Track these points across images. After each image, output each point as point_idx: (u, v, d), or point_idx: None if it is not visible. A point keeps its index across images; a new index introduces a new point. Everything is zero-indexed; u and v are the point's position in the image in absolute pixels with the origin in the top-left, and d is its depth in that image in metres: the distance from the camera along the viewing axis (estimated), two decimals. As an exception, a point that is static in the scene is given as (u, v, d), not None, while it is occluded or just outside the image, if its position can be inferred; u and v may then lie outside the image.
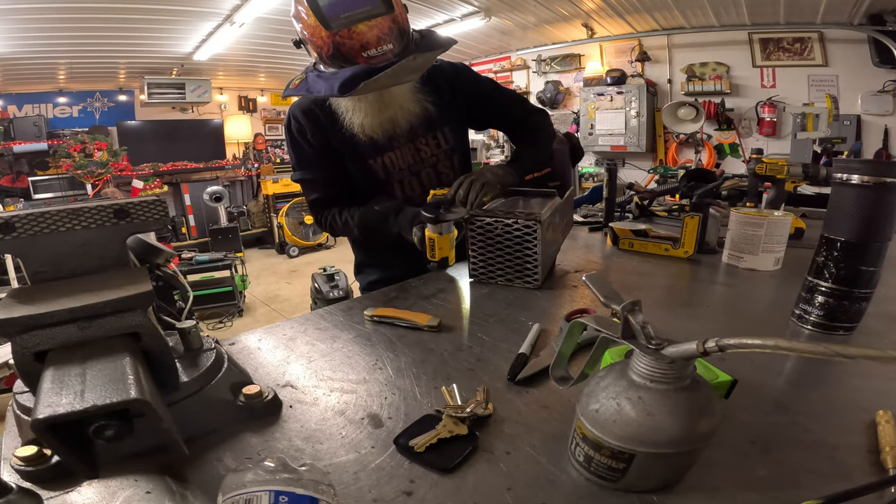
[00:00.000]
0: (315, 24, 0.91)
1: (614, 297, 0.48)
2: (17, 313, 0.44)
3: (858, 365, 0.65)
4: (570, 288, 1.02)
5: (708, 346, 0.37)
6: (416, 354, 0.72)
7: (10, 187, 5.03)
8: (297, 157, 1.20)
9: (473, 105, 1.25)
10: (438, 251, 1.00)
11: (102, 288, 0.49)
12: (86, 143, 5.25)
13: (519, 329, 0.79)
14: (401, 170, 1.21)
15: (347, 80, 0.89)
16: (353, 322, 0.86)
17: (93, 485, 0.45)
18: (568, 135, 1.62)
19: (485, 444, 0.51)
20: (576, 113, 5.21)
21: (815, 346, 0.33)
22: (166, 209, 0.58)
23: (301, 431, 0.55)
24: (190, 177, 6.15)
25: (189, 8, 3.60)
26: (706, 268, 1.15)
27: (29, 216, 0.51)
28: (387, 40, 0.90)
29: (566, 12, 4.25)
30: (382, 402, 0.60)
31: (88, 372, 0.42)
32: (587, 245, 1.41)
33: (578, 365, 0.53)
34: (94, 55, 4.40)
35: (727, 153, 4.53)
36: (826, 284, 0.75)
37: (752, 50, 4.22)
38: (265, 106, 6.81)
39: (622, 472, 0.43)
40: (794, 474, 0.46)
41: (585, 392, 0.46)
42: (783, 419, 0.55)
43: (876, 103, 3.78)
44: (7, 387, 2.42)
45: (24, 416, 0.49)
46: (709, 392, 0.44)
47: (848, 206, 0.72)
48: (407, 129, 1.15)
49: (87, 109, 5.52)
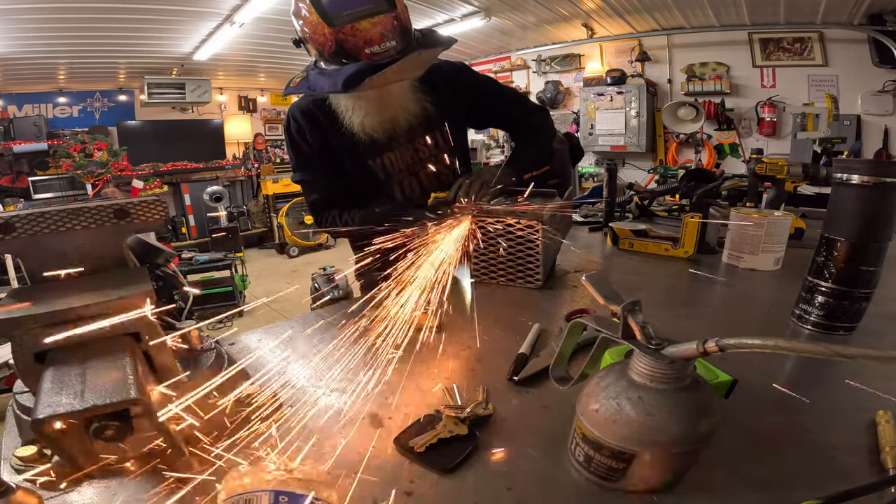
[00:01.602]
0: (317, 21, 0.90)
1: (614, 297, 0.48)
2: (17, 313, 0.44)
3: (858, 365, 0.65)
4: (570, 288, 1.02)
5: (708, 346, 0.37)
6: (417, 354, 0.72)
7: (10, 187, 5.04)
8: (297, 158, 1.20)
9: (473, 104, 1.25)
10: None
11: (102, 288, 0.49)
12: (86, 143, 5.26)
13: (519, 329, 0.79)
14: (400, 170, 1.20)
15: (352, 76, 0.89)
16: (353, 322, 0.85)
17: (93, 485, 0.45)
18: (568, 135, 1.63)
19: (485, 444, 0.51)
20: (576, 113, 5.21)
21: (815, 346, 0.33)
22: (166, 209, 0.58)
23: (301, 431, 0.55)
24: (190, 177, 6.15)
25: (189, 8, 3.61)
26: (706, 268, 1.15)
27: (29, 216, 0.51)
28: (390, 37, 0.90)
29: (566, 12, 4.25)
30: (382, 402, 0.60)
31: (88, 372, 0.42)
32: (587, 245, 1.41)
33: (578, 365, 0.53)
34: (94, 55, 4.40)
35: (727, 153, 4.53)
36: (826, 284, 0.75)
37: (752, 50, 4.22)
38: (265, 106, 6.81)
39: (622, 472, 0.43)
40: (794, 474, 0.46)
41: (585, 392, 0.46)
42: (783, 419, 0.55)
43: (876, 103, 3.77)
44: (7, 387, 2.42)
45: (24, 416, 0.49)
46: (709, 392, 0.44)
47: (848, 206, 0.72)
48: (406, 128, 1.15)
49: (87, 109, 5.52)
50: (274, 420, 0.57)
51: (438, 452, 0.49)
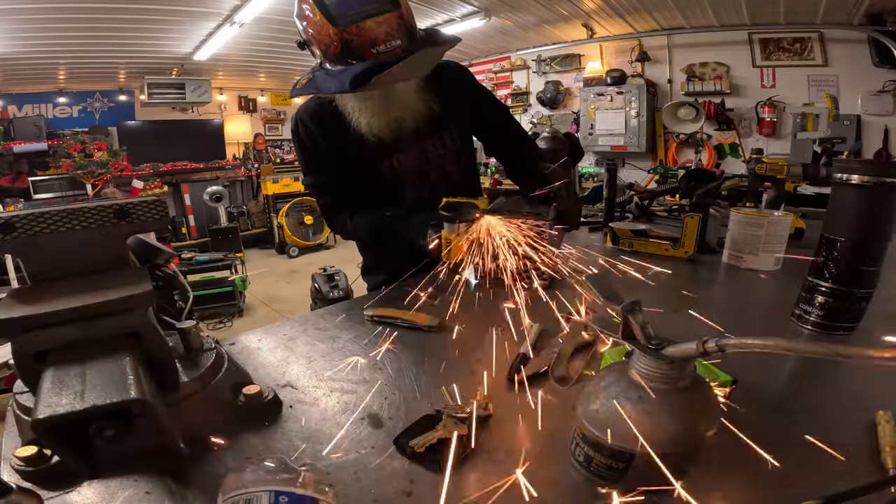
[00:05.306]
0: (322, 21, 0.90)
1: (614, 297, 0.48)
2: (17, 313, 0.44)
3: (858, 365, 0.65)
4: (570, 288, 1.02)
5: (708, 346, 0.37)
6: (416, 354, 0.72)
7: (10, 187, 5.03)
8: (307, 162, 1.20)
9: (476, 105, 1.26)
10: (455, 252, 1.00)
11: (102, 288, 0.49)
12: (86, 143, 5.26)
13: (519, 329, 0.79)
14: (409, 171, 1.20)
15: (359, 75, 0.89)
16: (353, 322, 0.86)
17: (93, 485, 0.45)
18: (568, 135, 1.63)
19: (485, 444, 0.51)
20: (576, 113, 5.21)
21: (815, 346, 0.33)
22: (166, 209, 0.58)
23: (301, 431, 0.55)
24: (190, 177, 6.15)
25: (189, 8, 3.60)
26: (706, 268, 1.15)
27: (29, 216, 0.51)
28: (395, 36, 0.90)
29: (566, 12, 4.25)
30: (382, 402, 0.60)
31: (88, 372, 0.42)
32: (587, 245, 1.41)
33: (578, 365, 0.53)
34: (94, 55, 4.40)
35: (727, 153, 4.53)
36: (826, 284, 0.75)
37: (752, 50, 4.21)
38: (265, 106, 6.81)
39: (622, 472, 0.43)
40: (794, 474, 0.46)
41: (585, 392, 0.46)
42: (783, 419, 0.55)
43: (876, 103, 3.77)
44: (7, 387, 2.42)
45: (24, 416, 0.49)
46: (709, 392, 0.44)
47: (848, 206, 0.72)
48: (413, 128, 1.15)
49: (87, 109, 5.52)
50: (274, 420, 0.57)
51: (438, 452, 0.49)
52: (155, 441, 0.43)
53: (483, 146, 1.38)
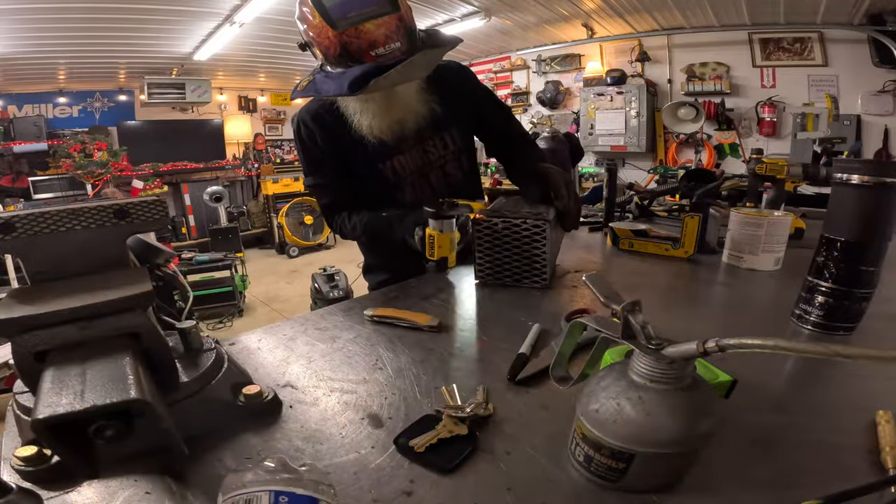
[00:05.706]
0: (321, 24, 0.90)
1: (614, 297, 0.48)
2: (17, 313, 0.44)
3: (858, 365, 0.65)
4: (570, 288, 1.02)
5: (708, 346, 0.37)
6: (416, 354, 0.72)
7: (10, 187, 5.03)
8: (308, 163, 1.20)
9: (478, 105, 1.26)
10: (438, 250, 1.00)
11: (102, 288, 0.49)
12: (86, 143, 5.25)
13: (519, 329, 0.79)
14: (411, 172, 1.20)
15: (357, 78, 0.89)
16: (353, 322, 0.86)
17: (93, 485, 0.45)
18: (568, 135, 1.63)
19: (485, 444, 0.51)
20: (576, 113, 5.22)
21: (815, 346, 0.33)
22: (166, 209, 0.58)
23: (301, 431, 0.55)
24: (190, 177, 6.15)
25: (189, 8, 3.60)
26: (706, 268, 1.15)
27: (29, 216, 0.51)
28: (394, 38, 0.90)
29: (566, 12, 4.25)
30: (382, 402, 0.60)
31: (88, 372, 0.42)
32: (587, 245, 1.41)
33: (578, 365, 0.53)
34: (94, 55, 4.40)
35: (727, 153, 4.53)
36: (826, 284, 0.75)
37: (752, 50, 4.22)
38: (265, 106, 6.81)
39: (622, 472, 0.43)
40: (794, 474, 0.46)
41: (585, 392, 0.46)
42: (783, 419, 0.55)
43: (876, 103, 3.77)
44: (7, 387, 2.42)
45: (24, 416, 0.49)
46: (709, 392, 0.44)
47: (848, 206, 0.72)
48: (415, 129, 1.15)
49: (87, 109, 5.52)
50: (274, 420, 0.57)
51: (438, 452, 0.49)
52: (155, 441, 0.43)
53: (484, 147, 1.38)
